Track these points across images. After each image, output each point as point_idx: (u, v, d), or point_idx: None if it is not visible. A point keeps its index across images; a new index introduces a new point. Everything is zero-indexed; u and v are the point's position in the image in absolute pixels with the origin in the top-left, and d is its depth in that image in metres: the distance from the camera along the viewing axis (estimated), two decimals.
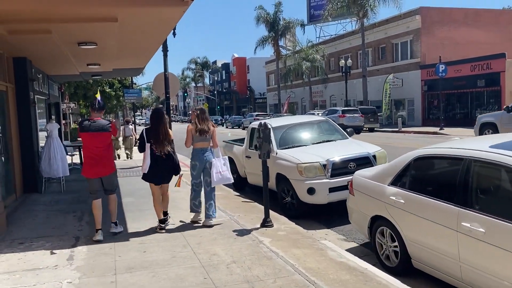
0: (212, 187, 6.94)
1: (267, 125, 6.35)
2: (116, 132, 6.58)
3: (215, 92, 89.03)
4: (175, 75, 16.52)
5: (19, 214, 7.87)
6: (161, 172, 6.57)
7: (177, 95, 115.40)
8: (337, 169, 7.49)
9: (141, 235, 6.41)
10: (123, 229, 6.68)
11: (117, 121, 25.51)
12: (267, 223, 6.54)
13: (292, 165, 7.64)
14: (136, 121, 29.97)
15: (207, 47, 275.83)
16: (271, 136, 8.64)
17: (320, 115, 37.27)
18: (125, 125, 18.87)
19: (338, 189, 7.38)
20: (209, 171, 6.81)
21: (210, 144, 6.89)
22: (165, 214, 6.79)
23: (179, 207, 8.20)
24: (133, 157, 17.76)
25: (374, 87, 38.50)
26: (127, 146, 18.17)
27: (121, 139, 18.23)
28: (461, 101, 31.87)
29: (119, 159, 17.62)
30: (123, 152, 18.77)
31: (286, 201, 7.96)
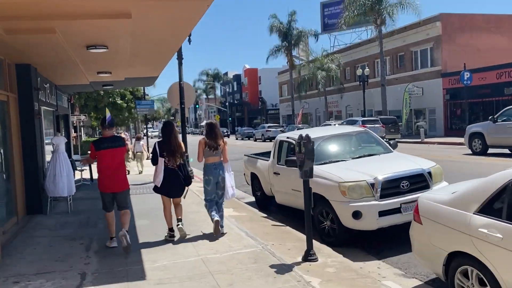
0: (222, 200, 7.13)
1: (309, 138, 5.26)
2: (127, 148, 6.90)
3: (226, 104, 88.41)
4: (190, 84, 15.60)
5: (18, 242, 6.86)
6: (173, 185, 6.68)
7: (188, 107, 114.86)
8: (388, 188, 6.37)
9: (159, 271, 5.36)
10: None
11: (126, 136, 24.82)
12: (310, 256, 5.44)
13: (332, 184, 6.54)
14: (149, 134, 29.11)
15: (218, 58, 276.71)
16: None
17: (337, 125, 36.20)
18: (136, 141, 19.09)
19: (390, 213, 6.27)
20: (221, 185, 6.93)
21: (221, 158, 6.94)
22: (179, 220, 6.79)
23: (201, 229, 7.15)
24: (143, 171, 17.66)
25: (392, 97, 37.27)
26: (137, 161, 18.14)
27: (131, 154, 18.24)
28: (486, 110, 30.43)
29: (128, 174, 16.87)
30: (133, 167, 18.38)
31: (324, 226, 6.84)
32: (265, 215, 8.68)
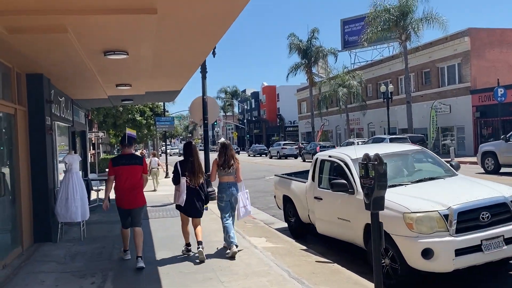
0: (233, 219, 7.14)
1: (381, 159, 4.13)
2: (147, 169, 7.02)
3: (244, 121, 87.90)
4: (214, 99, 14.69)
5: (19, 279, 5.84)
6: (194, 204, 6.73)
7: (212, 122, 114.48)
8: (465, 221, 5.21)
9: None
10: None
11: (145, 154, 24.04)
12: None
13: (395, 215, 5.40)
14: (168, 151, 28.28)
15: (236, 76, 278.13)
16: (352, 172, 6.51)
17: (360, 143, 34.89)
18: (152, 157, 19.61)
19: (468, 251, 5.09)
20: (233, 205, 7.03)
21: (235, 178, 7.03)
22: (199, 242, 6.62)
23: (232, 269, 6.06)
24: (157, 189, 17.59)
25: (418, 114, 35.92)
26: (152, 178, 18.07)
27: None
28: None
29: (155, 191, 17.41)
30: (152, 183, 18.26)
31: (382, 265, 5.67)
32: (304, 247, 7.53)
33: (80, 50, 5.93)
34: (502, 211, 5.36)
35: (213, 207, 10.01)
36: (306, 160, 37.49)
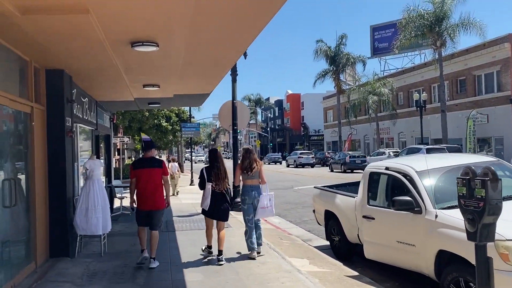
0: (258, 222, 7.34)
1: (496, 175, 3.11)
2: (167, 172, 7.14)
3: (268, 129, 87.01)
4: (244, 104, 13.83)
5: None
6: (219, 208, 6.89)
7: (229, 132, 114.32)
8: None
9: None
10: (158, 263, 6.63)
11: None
12: None
13: None
14: (193, 158, 27.60)
15: (260, 84, 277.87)
16: (418, 188, 5.49)
17: (392, 154, 33.49)
18: (172, 163, 20.38)
19: None
20: (255, 207, 7.14)
21: (259, 181, 7.24)
22: (219, 253, 6.78)
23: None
24: (179, 196, 18.09)
25: (452, 124, 34.28)
26: (172, 182, 18.36)
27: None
28: None
29: (176, 195, 18.04)
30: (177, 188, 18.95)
31: None
32: (355, 272, 6.49)
33: (103, 38, 5.12)
34: None
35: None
36: (334, 170, 36.49)
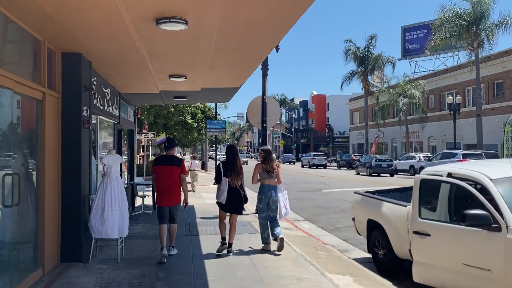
0: (276, 219, 7.45)
1: None
2: (185, 171, 7.32)
3: (292, 130, 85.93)
4: (275, 99, 12.97)
5: None
6: (234, 202, 7.14)
7: (253, 131, 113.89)
8: None
9: None
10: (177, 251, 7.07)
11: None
12: None
13: None
14: (218, 157, 26.90)
15: (284, 84, 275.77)
16: (496, 199, 4.53)
17: (423, 159, 32.08)
18: (192, 160, 20.83)
19: None
20: (272, 207, 7.38)
21: (275, 181, 7.47)
22: (229, 245, 7.16)
23: None
24: (195, 190, 18.56)
25: (487, 129, 32.67)
26: (192, 179, 19.14)
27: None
28: None
29: (194, 192, 18.26)
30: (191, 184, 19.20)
31: None
32: None
33: (123, 11, 4.34)
34: None
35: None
36: (361, 173, 35.81)
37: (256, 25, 5.37)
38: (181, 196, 7.02)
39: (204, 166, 38.70)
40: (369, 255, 7.57)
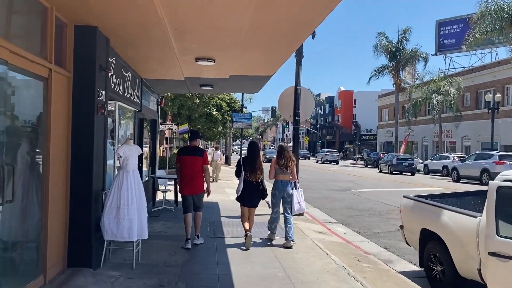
0: (290, 215, 7.58)
1: None
2: (208, 161, 7.46)
3: (317, 126, 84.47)
4: (309, 91, 11.95)
5: None
6: (251, 196, 7.41)
7: (277, 126, 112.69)
8: None
9: None
10: (203, 241, 7.24)
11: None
12: None
13: None
14: (243, 152, 26.06)
15: (310, 79, 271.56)
16: None
17: (457, 159, 30.45)
18: (215, 150, 21.04)
19: None
20: (288, 201, 7.58)
21: (290, 177, 7.66)
22: (247, 230, 7.25)
23: None
24: (217, 180, 19.06)
25: None
26: (213, 169, 19.24)
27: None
28: None
29: (216, 182, 18.78)
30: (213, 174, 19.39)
31: None
32: None
33: None
34: None
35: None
36: (383, 171, 36.03)
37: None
38: (203, 185, 7.28)
39: (227, 160, 37.96)
40: (418, 269, 6.59)
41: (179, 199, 11.85)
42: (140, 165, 10.10)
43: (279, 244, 7.44)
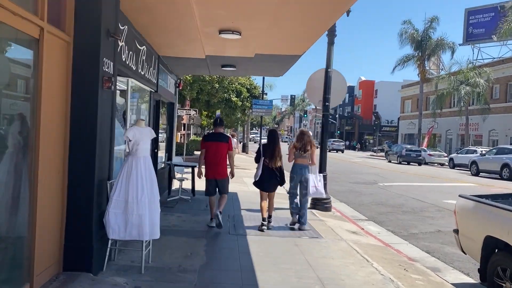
0: (305, 199, 7.87)
1: None
2: (232, 147, 7.82)
3: (336, 116, 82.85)
4: (340, 73, 10.86)
5: None
6: (269, 182, 7.59)
7: (294, 115, 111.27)
8: None
9: None
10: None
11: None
12: None
13: None
14: (263, 141, 25.17)
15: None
16: None
17: (484, 153, 28.98)
18: (231, 138, 19.38)
19: None
20: (304, 185, 7.79)
21: (309, 161, 7.87)
22: (269, 216, 7.67)
23: None
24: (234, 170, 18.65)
25: None
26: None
27: None
28: None
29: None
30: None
31: None
32: None
33: None
34: None
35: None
36: (392, 161, 37.76)
37: None
38: (226, 170, 7.61)
39: (245, 149, 37.03)
40: (472, 281, 5.62)
41: (196, 189, 11.07)
42: (156, 150, 9.23)
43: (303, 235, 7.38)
